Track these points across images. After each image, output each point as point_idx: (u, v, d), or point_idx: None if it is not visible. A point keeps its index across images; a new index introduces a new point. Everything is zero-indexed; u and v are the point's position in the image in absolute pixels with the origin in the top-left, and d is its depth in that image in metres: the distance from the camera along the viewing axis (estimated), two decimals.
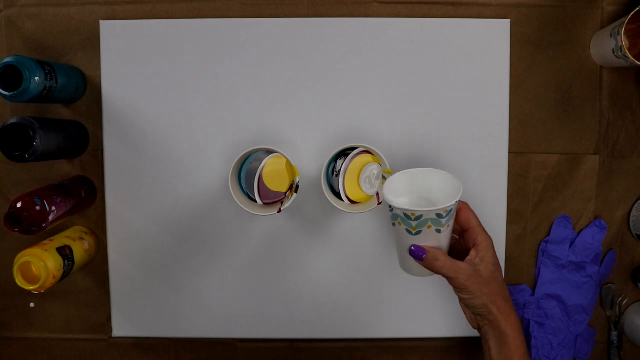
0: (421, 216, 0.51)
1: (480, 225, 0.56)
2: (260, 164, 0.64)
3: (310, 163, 0.68)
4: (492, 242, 0.55)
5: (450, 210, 0.52)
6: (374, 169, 0.64)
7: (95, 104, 0.69)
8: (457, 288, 0.54)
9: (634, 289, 0.73)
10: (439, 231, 0.52)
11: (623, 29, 0.60)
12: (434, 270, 0.53)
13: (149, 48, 0.68)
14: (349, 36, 0.68)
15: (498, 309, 0.53)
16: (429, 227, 0.52)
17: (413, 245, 0.53)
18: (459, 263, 0.53)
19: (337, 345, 0.74)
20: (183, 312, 0.71)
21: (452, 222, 0.53)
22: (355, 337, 0.73)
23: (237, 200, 0.62)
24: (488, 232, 0.70)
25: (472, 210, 0.57)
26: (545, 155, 0.71)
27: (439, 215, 0.51)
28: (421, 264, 0.54)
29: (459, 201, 0.53)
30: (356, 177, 0.64)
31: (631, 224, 0.72)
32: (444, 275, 0.53)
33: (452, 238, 0.56)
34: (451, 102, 0.69)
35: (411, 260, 0.55)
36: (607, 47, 0.65)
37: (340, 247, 0.70)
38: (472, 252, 0.54)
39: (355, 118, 0.69)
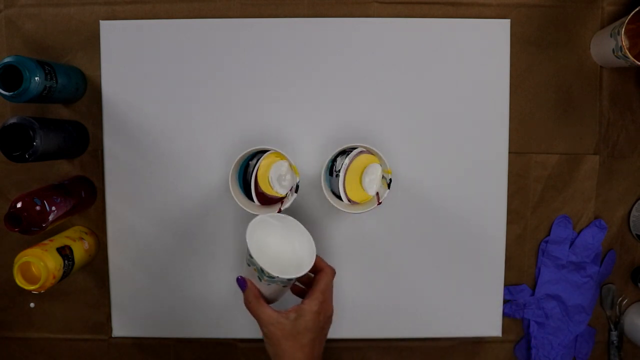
0: (274, 277, 0.55)
1: (319, 289, 0.58)
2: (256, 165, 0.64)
3: (310, 163, 0.68)
4: (320, 309, 0.57)
5: (298, 277, 0.57)
6: (378, 170, 0.63)
7: (95, 104, 0.69)
8: (261, 329, 0.57)
9: (634, 289, 0.73)
10: (276, 284, 0.57)
11: (623, 29, 0.61)
12: (246, 305, 0.58)
13: (149, 48, 0.68)
14: (349, 36, 0.68)
15: None
16: (277, 283, 0.57)
17: (240, 276, 0.59)
18: (266, 309, 0.57)
19: (337, 345, 0.74)
20: (183, 312, 0.71)
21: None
22: (355, 337, 0.73)
23: (237, 200, 0.62)
24: (488, 232, 0.71)
25: (322, 270, 0.60)
26: (545, 155, 0.71)
27: (289, 280, 0.56)
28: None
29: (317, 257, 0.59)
30: (357, 177, 0.64)
31: (631, 224, 0.72)
32: (252, 314, 0.58)
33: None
34: (451, 102, 0.69)
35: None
36: (607, 47, 0.65)
37: (340, 247, 0.70)
38: (295, 308, 0.57)
39: (355, 118, 0.69)
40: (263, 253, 0.59)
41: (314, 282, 0.59)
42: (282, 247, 0.61)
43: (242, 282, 0.58)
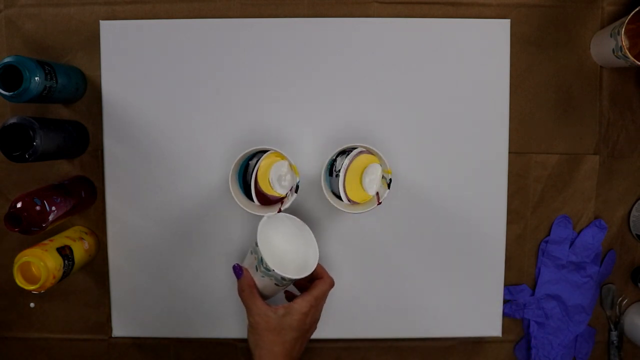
0: (270, 270, 0.56)
1: (313, 293, 0.59)
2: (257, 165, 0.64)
3: (310, 163, 0.68)
4: (309, 311, 0.58)
5: (293, 280, 0.58)
6: (378, 170, 0.63)
7: (95, 104, 0.69)
8: (247, 318, 0.59)
9: (634, 289, 0.73)
10: (270, 278, 0.58)
11: (623, 29, 0.61)
12: (239, 293, 0.59)
13: (149, 48, 0.68)
14: (349, 36, 0.68)
15: (259, 358, 0.57)
16: (270, 278, 0.58)
17: (237, 264, 0.60)
18: (257, 300, 0.58)
19: (337, 345, 0.74)
20: (183, 312, 0.71)
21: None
22: (355, 337, 0.73)
23: (237, 200, 0.62)
24: (488, 232, 0.70)
25: (322, 278, 0.61)
26: (545, 155, 0.71)
27: (283, 279, 0.57)
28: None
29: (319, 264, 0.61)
30: (357, 177, 0.64)
31: (631, 224, 0.72)
32: (243, 302, 0.59)
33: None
34: (451, 102, 0.69)
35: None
36: (607, 47, 0.65)
37: (340, 247, 0.70)
38: (285, 305, 0.58)
39: (355, 118, 0.69)
40: (270, 246, 0.60)
41: (310, 286, 0.60)
42: (289, 248, 0.62)
43: (238, 270, 0.59)
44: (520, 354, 0.74)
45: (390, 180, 0.62)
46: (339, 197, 0.64)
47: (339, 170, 0.63)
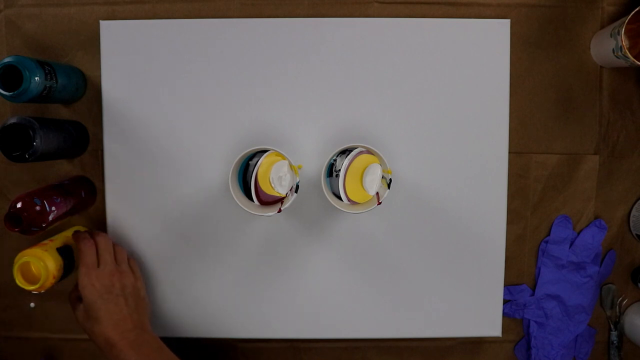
0: None
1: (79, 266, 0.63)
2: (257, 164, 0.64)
3: (310, 163, 0.68)
4: (82, 282, 0.61)
5: None
6: (378, 170, 0.63)
7: (95, 104, 0.69)
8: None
9: (634, 289, 0.73)
10: None
11: (623, 29, 0.60)
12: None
13: (149, 48, 0.68)
14: (349, 36, 0.68)
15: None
16: None
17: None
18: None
19: (337, 345, 0.74)
20: (183, 312, 0.71)
21: None
22: (355, 337, 0.73)
23: (237, 200, 0.62)
24: (488, 232, 0.70)
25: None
26: (545, 155, 0.71)
27: None
28: None
29: None
30: (357, 177, 0.64)
31: (631, 224, 0.72)
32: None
33: None
34: (451, 102, 0.69)
35: None
36: (607, 47, 0.65)
37: (340, 247, 0.70)
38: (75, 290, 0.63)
39: (355, 118, 0.69)
40: None
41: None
42: None
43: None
44: (520, 354, 0.74)
45: (390, 180, 0.62)
46: (339, 197, 0.64)
47: (339, 170, 0.63)
